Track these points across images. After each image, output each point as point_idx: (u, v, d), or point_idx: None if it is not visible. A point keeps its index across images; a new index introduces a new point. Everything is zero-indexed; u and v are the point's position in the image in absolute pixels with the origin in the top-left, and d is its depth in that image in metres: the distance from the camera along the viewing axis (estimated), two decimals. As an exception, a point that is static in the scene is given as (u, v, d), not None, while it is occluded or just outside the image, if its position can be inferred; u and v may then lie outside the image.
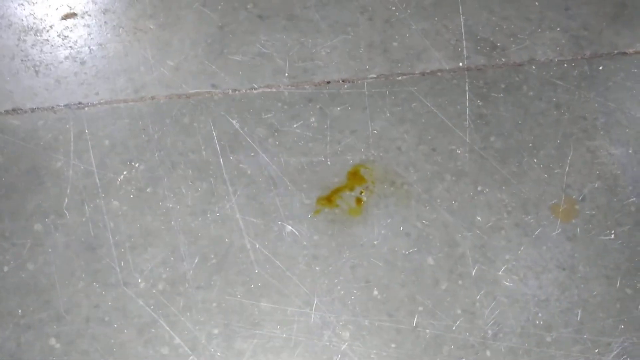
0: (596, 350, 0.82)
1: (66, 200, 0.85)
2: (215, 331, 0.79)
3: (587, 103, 1.00)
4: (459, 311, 0.83)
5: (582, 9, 1.08)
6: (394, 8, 1.05)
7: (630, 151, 0.96)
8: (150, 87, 0.94)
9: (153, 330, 0.78)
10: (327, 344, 0.79)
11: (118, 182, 0.86)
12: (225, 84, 0.96)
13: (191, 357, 0.77)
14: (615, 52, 1.05)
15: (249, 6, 1.03)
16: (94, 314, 0.78)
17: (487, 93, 0.99)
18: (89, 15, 0.99)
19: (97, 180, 0.86)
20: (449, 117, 0.96)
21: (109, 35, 0.98)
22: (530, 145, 0.95)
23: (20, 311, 0.78)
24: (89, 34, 0.98)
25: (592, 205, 0.91)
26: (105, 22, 0.99)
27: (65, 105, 0.91)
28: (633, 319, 0.84)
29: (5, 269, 0.80)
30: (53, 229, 0.83)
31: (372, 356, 0.79)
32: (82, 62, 0.95)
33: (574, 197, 0.92)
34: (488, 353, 0.81)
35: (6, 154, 0.87)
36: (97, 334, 0.77)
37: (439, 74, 1.00)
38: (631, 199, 0.92)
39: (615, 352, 0.82)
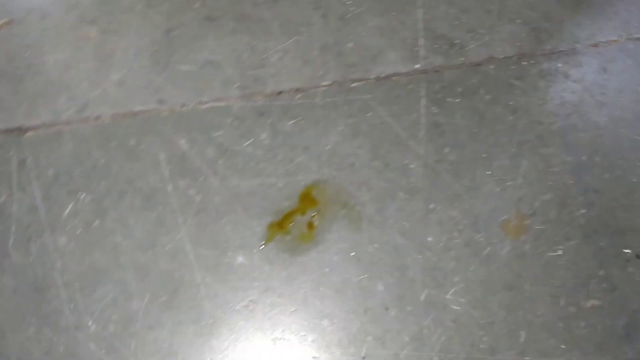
0: (537, 372, 0.69)
1: (11, 238, 0.67)
2: (168, 372, 0.65)
3: (544, 105, 0.79)
4: (406, 339, 0.69)
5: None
6: (349, 2, 0.81)
7: (583, 158, 0.78)
8: (94, 106, 0.73)
9: (105, 374, 0.64)
10: (278, 379, 0.66)
11: (64, 216, 0.69)
12: (173, 98, 0.74)
13: (144, 400, 0.64)
14: (576, 45, 0.83)
15: (196, 5, 0.79)
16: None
17: (443, 98, 0.78)
18: (28, 23, 0.76)
19: (43, 216, 0.68)
20: (403, 127, 0.76)
21: (47, 46, 0.75)
22: (485, 155, 0.76)
23: (-30, 362, 0.64)
24: (27, 45, 0.75)
25: (542, 220, 0.75)
26: (43, 30, 0.75)
27: (5, 130, 0.71)
28: (575, 338, 0.71)
29: (-47, 317, 0.64)
30: (1, 272, 0.66)
31: (322, 390, 0.66)
32: (20, 80, 0.73)
33: (524, 211, 0.75)
34: (433, 380, 0.68)
35: (-54, 189, 0.68)
36: (49, 382, 0.64)
37: (395, 78, 0.79)
38: (581, 211, 0.75)
39: (555, 373, 0.69)
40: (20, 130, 0.71)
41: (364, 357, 0.67)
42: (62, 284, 0.66)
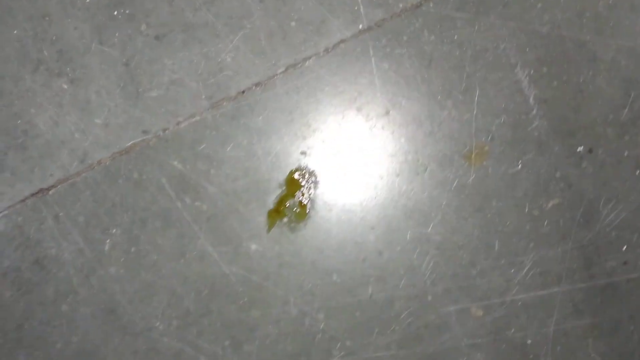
0: (512, 270, 0.85)
1: (74, 279, 0.85)
2: (227, 343, 0.85)
3: (487, 31, 0.84)
4: (402, 272, 0.85)
5: None
6: (280, -21, 0.83)
7: (532, 72, 0.84)
8: (92, 153, 0.84)
9: (183, 356, 0.85)
10: (309, 327, 0.85)
11: (106, 251, 0.84)
12: (154, 126, 0.84)
13: (216, 366, 0.85)
14: (510, -44, 0.84)
15: (142, 28, 0.84)
16: (136, 358, 0.85)
17: (391, 52, 0.84)
18: (5, 91, 0.84)
19: (90, 255, 0.84)
20: (360, 91, 0.84)
21: (32, 110, 0.84)
22: (439, 97, 0.84)
23: (85, 373, 0.86)
24: (15, 114, 0.84)
25: (500, 142, 0.84)
26: (20, 95, 0.84)
27: (31, 195, 0.84)
28: (540, 236, 0.85)
29: (58, 345, 0.85)
30: (76, 306, 0.85)
31: (344, 327, 0.85)
32: (23, 148, 0.84)
33: (483, 139, 0.84)
34: (429, 298, 0.85)
35: (8, 255, 0.85)
36: (145, 372, 0.86)
37: (342, 45, 0.84)
38: (534, 124, 0.84)
39: (527, 267, 0.85)
40: (43, 192, 0.84)
41: (371, 295, 0.85)
42: (126, 301, 0.84)
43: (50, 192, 0.84)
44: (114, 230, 0.84)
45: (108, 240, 0.84)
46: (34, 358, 0.84)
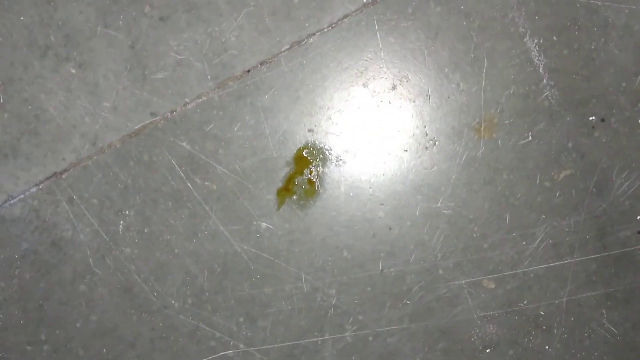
0: (524, 242, 0.84)
1: (91, 260, 0.87)
2: (241, 319, 0.87)
3: (495, 0, 0.82)
4: (412, 247, 0.85)
5: None
6: (283, -46, 0.82)
7: (541, 41, 0.82)
8: (103, 136, 0.85)
9: (199, 332, 0.87)
10: (321, 303, 0.86)
11: (120, 232, 0.86)
12: (162, 107, 0.85)
13: (232, 342, 0.87)
14: None
15: (146, 10, 0.84)
16: (154, 335, 0.87)
17: (397, 25, 0.83)
18: (15, 79, 0.85)
19: (105, 236, 0.86)
20: (366, 67, 0.83)
21: (42, 95, 0.85)
22: (446, 70, 0.83)
23: (104, 350, 0.88)
24: (25, 100, 0.85)
25: (510, 113, 0.83)
26: (31, 81, 0.85)
27: (45, 179, 0.86)
28: (552, 207, 0.84)
29: (78, 324, 0.88)
30: (94, 286, 0.87)
31: (356, 301, 0.86)
32: (35, 133, 0.86)
33: (492, 111, 0.83)
34: (440, 271, 0.85)
35: (26, 238, 0.87)
36: (164, 349, 0.88)
37: (347, 20, 0.83)
38: (544, 94, 0.82)
39: (539, 239, 0.84)
40: (56, 175, 0.86)
41: (382, 270, 0.85)
42: (142, 281, 0.86)
43: (64, 176, 0.86)
44: (127, 212, 0.86)
45: (122, 222, 0.86)
46: (55, 337, 0.86)
